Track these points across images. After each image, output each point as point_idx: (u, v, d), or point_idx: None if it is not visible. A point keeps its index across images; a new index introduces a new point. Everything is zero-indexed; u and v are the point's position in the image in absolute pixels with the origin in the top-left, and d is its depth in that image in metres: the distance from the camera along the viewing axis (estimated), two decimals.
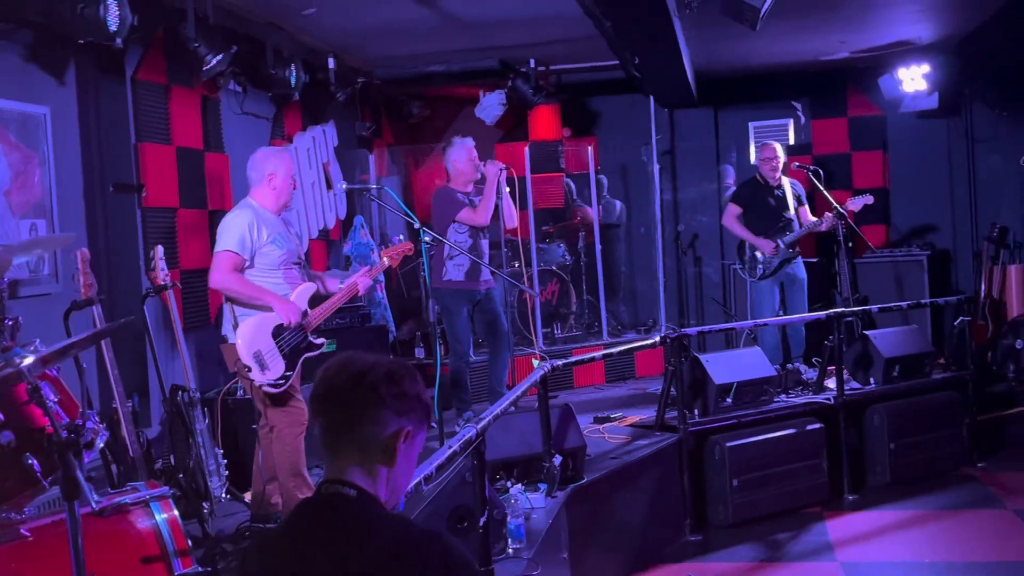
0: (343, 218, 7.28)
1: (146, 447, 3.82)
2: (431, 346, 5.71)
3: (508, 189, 5.41)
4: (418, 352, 6.94)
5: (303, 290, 4.01)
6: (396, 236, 7.36)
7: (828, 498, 5.26)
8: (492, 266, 5.50)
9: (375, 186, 6.73)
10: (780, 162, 6.51)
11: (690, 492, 4.90)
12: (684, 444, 4.94)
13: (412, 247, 4.50)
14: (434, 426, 4.67)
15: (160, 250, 4.22)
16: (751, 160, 8.29)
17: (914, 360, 5.91)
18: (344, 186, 5.62)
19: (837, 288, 6.67)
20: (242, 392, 4.69)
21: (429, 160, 8.37)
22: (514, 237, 6.03)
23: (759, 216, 6.45)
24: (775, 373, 5.53)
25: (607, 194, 8.24)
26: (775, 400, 5.46)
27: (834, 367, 5.56)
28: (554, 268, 7.40)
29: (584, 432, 4.54)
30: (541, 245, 7.46)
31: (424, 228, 4.72)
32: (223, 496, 4.27)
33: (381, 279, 6.92)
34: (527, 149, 7.47)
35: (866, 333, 5.95)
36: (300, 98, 6.10)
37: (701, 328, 6.29)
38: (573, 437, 4.33)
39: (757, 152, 6.75)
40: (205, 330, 5.23)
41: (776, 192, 6.49)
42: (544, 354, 5.94)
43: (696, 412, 5.16)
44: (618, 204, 8.41)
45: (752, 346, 5.91)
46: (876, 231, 8.11)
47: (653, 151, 7.94)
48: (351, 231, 7.26)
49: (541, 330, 6.96)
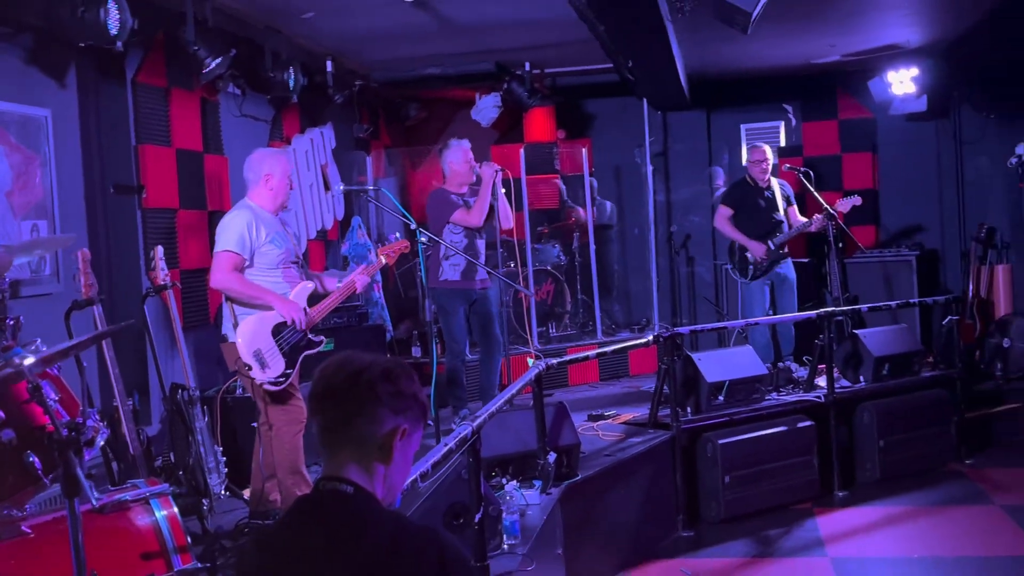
0: (341, 219, 7.28)
1: (146, 445, 3.82)
2: (428, 345, 5.73)
3: (504, 190, 5.41)
4: (415, 351, 6.95)
5: (302, 289, 4.01)
6: (392, 234, 7.42)
7: (818, 494, 5.28)
8: (488, 266, 5.49)
9: (372, 187, 6.73)
10: (769, 164, 6.55)
11: (683, 488, 4.92)
12: (677, 441, 4.96)
13: (408, 244, 4.49)
14: (430, 424, 4.65)
15: (160, 250, 4.23)
16: (743, 162, 8.35)
17: (903, 359, 5.94)
18: (342, 187, 5.63)
19: (827, 288, 6.67)
20: (241, 390, 4.69)
21: (426, 162, 8.37)
22: (510, 238, 6.05)
23: (750, 217, 6.49)
24: (766, 371, 5.55)
25: (597, 195, 8.29)
26: (766, 398, 5.48)
27: (824, 365, 5.57)
28: (549, 268, 7.40)
29: (578, 430, 4.56)
30: (536, 245, 7.46)
31: (420, 229, 4.71)
32: (222, 493, 4.26)
33: (379, 279, 6.95)
34: (522, 151, 7.48)
35: (856, 332, 5.97)
36: (298, 100, 6.11)
37: (694, 327, 6.29)
38: (568, 434, 4.35)
39: (747, 154, 6.79)
40: (204, 329, 5.22)
41: (766, 193, 6.52)
42: (539, 353, 5.97)
43: (689, 410, 5.18)
44: (608, 205, 8.43)
45: (744, 345, 5.94)
46: (866, 232, 8.13)
47: (646, 153, 7.93)
48: (349, 232, 7.26)
49: (536, 329, 6.96)
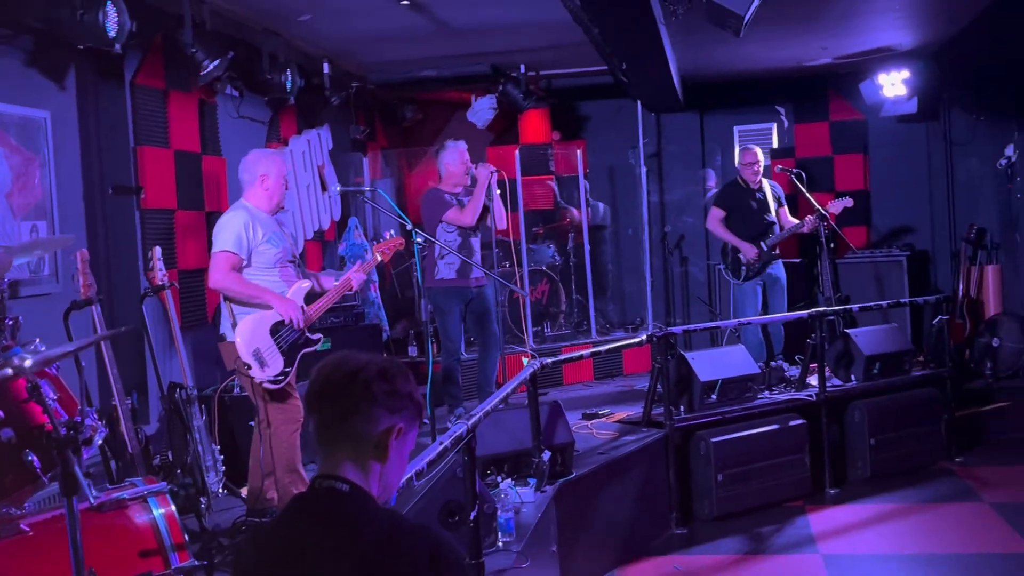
0: (338, 220, 7.30)
1: (144, 443, 3.81)
2: (424, 344, 5.77)
3: (499, 191, 5.43)
4: (411, 350, 6.95)
5: (299, 287, 4.03)
6: (386, 231, 7.45)
7: (810, 492, 5.32)
8: (484, 266, 5.51)
9: (369, 188, 6.74)
10: (761, 166, 6.59)
11: (676, 486, 4.95)
12: (670, 440, 4.99)
13: (403, 241, 4.51)
14: (426, 423, 4.67)
15: (158, 251, 4.23)
16: (735, 163, 8.40)
17: (894, 358, 5.99)
18: (338, 188, 5.65)
19: (819, 288, 6.72)
20: (238, 389, 4.69)
21: (422, 163, 8.39)
22: (505, 238, 6.09)
23: (742, 219, 6.52)
24: (759, 371, 5.58)
25: (592, 196, 8.34)
26: (759, 397, 5.52)
27: (816, 364, 5.61)
28: (544, 268, 7.43)
29: (573, 428, 4.59)
30: (531, 246, 7.49)
31: (416, 229, 4.73)
32: (220, 491, 4.27)
33: (375, 279, 6.98)
34: (517, 152, 7.51)
35: (847, 331, 6.01)
36: (295, 102, 6.12)
37: (687, 327, 6.31)
38: (562, 433, 4.37)
39: (739, 156, 6.84)
40: (202, 329, 5.23)
41: (757, 195, 6.56)
42: (534, 352, 6.02)
43: (682, 408, 5.22)
44: (601, 206, 8.47)
45: (736, 344, 5.96)
46: (857, 232, 8.18)
47: (640, 154, 7.97)
48: (345, 232, 7.28)
49: (531, 329, 6.99)
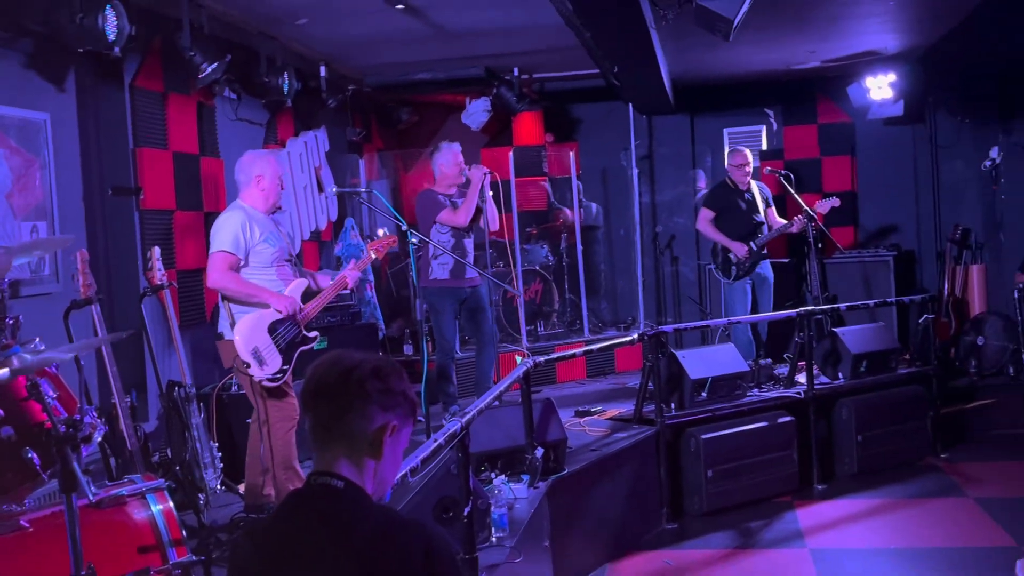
0: (334, 220, 7.33)
1: (143, 441, 3.83)
2: (419, 343, 5.83)
3: (492, 193, 5.47)
4: (407, 349, 7.00)
5: (296, 285, 4.08)
6: (379, 229, 7.50)
7: (798, 488, 5.38)
8: (478, 267, 5.56)
9: (365, 190, 6.81)
10: (751, 167, 6.66)
11: (667, 482, 5.01)
12: (661, 436, 5.04)
13: (396, 239, 4.55)
14: (421, 420, 4.70)
15: (157, 251, 4.25)
16: (725, 165, 8.48)
17: (880, 356, 6.05)
18: (335, 189, 5.70)
19: (807, 287, 6.79)
20: (236, 387, 4.72)
21: (417, 164, 8.43)
22: (499, 238, 6.15)
23: (731, 219, 6.58)
24: (748, 368, 5.64)
25: (584, 197, 8.38)
26: (748, 394, 5.57)
27: (804, 362, 5.68)
28: (537, 268, 7.48)
29: (565, 425, 4.64)
30: (525, 246, 7.53)
31: (411, 230, 4.76)
32: (218, 488, 4.27)
33: (371, 279, 7.03)
34: (511, 154, 7.54)
35: (835, 330, 6.07)
36: (292, 105, 6.16)
37: (678, 325, 6.40)
38: (555, 430, 4.42)
39: (728, 157, 6.92)
40: (200, 328, 5.26)
41: (746, 196, 6.62)
42: (527, 351, 6.08)
43: (673, 406, 5.27)
44: (594, 206, 8.52)
45: (726, 343, 6.03)
46: (845, 233, 8.27)
47: (632, 156, 8.02)
48: (342, 233, 7.29)
49: (525, 328, 7.02)
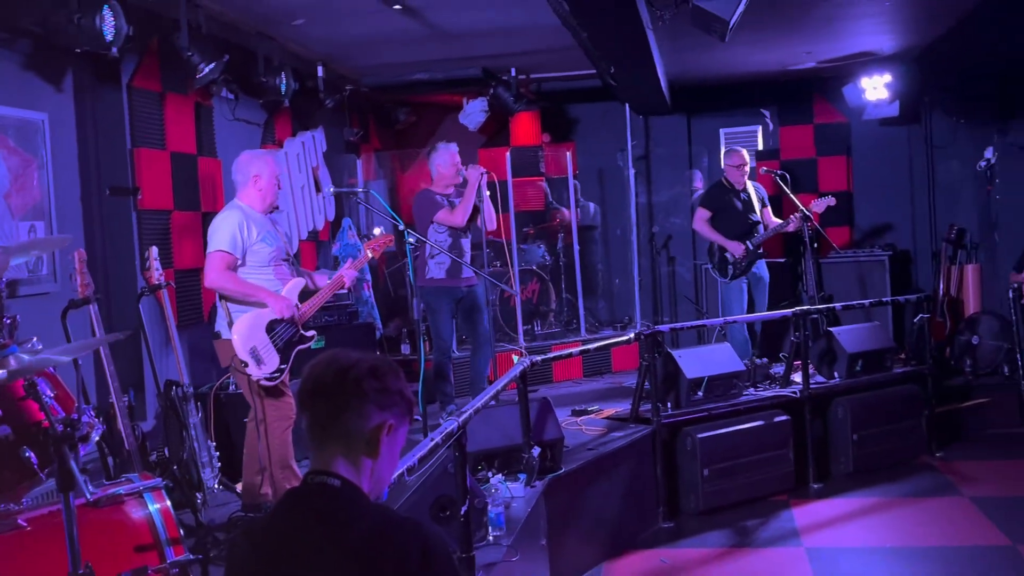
0: (332, 220, 7.35)
1: (141, 440, 3.84)
2: (416, 342, 5.84)
3: (488, 193, 5.47)
4: (404, 348, 7.02)
5: (293, 285, 4.09)
6: (376, 228, 7.52)
7: (794, 486, 5.41)
8: (475, 266, 5.56)
9: (362, 189, 6.81)
10: (747, 167, 6.68)
11: (663, 481, 5.03)
12: (657, 435, 5.06)
13: (392, 238, 4.57)
14: (418, 419, 4.70)
15: (155, 251, 4.25)
16: (722, 165, 8.51)
17: (876, 355, 6.08)
18: (332, 189, 5.68)
19: (803, 287, 6.81)
20: (234, 387, 4.71)
21: (414, 164, 8.44)
22: (496, 238, 6.16)
23: (728, 219, 6.60)
24: (744, 368, 5.66)
25: (581, 197, 8.40)
26: (744, 393, 5.59)
27: (800, 362, 5.69)
28: (534, 268, 7.49)
29: (562, 424, 4.65)
30: (522, 246, 7.55)
31: (408, 230, 4.77)
32: (216, 487, 4.26)
33: (368, 279, 7.05)
34: (508, 154, 7.57)
35: (830, 330, 6.10)
36: (290, 105, 6.17)
37: (674, 325, 6.39)
38: (551, 429, 4.43)
39: (725, 158, 6.94)
40: (198, 327, 5.28)
41: (742, 195, 6.64)
42: (524, 350, 6.10)
43: (669, 405, 5.29)
44: (592, 206, 8.55)
45: (722, 342, 6.05)
46: (840, 232, 8.31)
47: (629, 156, 8.04)
48: (339, 232, 7.32)
49: (522, 327, 7.05)
